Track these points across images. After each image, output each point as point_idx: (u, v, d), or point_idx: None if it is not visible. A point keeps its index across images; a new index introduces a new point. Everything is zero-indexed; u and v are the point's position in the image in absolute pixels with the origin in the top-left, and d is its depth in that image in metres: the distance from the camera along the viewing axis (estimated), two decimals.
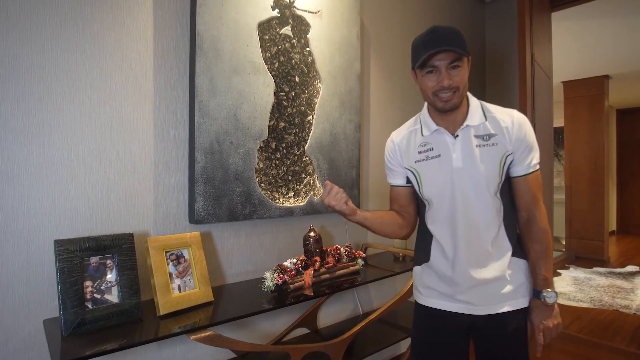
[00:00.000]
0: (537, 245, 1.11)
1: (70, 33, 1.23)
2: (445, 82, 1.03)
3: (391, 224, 1.22)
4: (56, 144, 1.21)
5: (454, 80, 1.04)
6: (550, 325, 1.12)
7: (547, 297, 1.09)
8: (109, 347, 1.00)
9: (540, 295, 1.10)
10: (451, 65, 1.03)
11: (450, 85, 1.04)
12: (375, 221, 1.19)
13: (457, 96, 1.06)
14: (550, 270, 1.12)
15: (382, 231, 1.21)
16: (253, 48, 1.59)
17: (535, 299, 1.12)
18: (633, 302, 3.65)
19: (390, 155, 1.24)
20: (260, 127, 1.62)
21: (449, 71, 1.04)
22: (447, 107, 1.07)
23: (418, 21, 2.56)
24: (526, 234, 1.14)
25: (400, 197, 1.25)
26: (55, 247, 1.08)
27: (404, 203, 1.25)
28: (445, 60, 1.03)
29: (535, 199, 1.12)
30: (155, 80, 1.41)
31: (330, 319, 1.98)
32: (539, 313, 1.12)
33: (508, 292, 1.12)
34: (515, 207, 1.16)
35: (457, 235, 1.12)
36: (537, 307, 1.12)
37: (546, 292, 1.10)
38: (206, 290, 1.33)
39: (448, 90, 1.04)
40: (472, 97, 1.16)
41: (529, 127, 1.11)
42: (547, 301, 1.09)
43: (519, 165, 1.10)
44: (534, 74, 2.44)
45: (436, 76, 1.05)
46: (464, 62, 1.05)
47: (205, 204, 1.45)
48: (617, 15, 3.44)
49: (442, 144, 1.13)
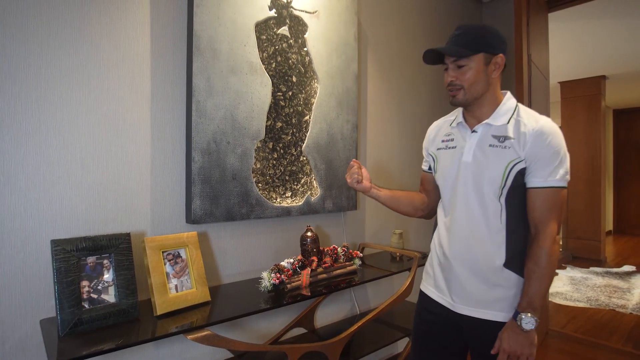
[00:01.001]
0: (532, 265, 1.04)
1: (66, 33, 1.23)
2: (447, 79, 1.12)
3: (406, 204, 1.34)
4: (53, 144, 1.21)
5: (458, 78, 1.09)
6: (519, 352, 1.01)
7: (524, 321, 1.00)
8: (105, 347, 1.00)
9: (517, 317, 1.02)
10: (456, 64, 1.09)
11: (452, 82, 1.11)
12: (388, 199, 1.32)
13: (462, 94, 1.10)
14: (540, 295, 1.02)
15: (396, 209, 1.34)
16: (250, 48, 1.59)
17: (512, 320, 1.04)
18: (629, 302, 3.67)
19: (425, 141, 1.36)
20: (258, 127, 1.62)
21: (454, 70, 1.10)
22: (452, 102, 1.15)
23: (415, 21, 2.57)
24: (527, 251, 1.08)
25: (424, 182, 1.37)
26: (52, 247, 1.08)
27: (428, 188, 1.36)
28: (451, 59, 1.10)
29: (545, 217, 1.03)
30: (153, 80, 1.41)
31: (327, 318, 1.99)
32: (511, 336, 1.02)
33: (489, 300, 1.09)
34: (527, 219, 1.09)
35: (452, 226, 1.15)
36: (510, 329, 1.03)
37: (525, 315, 1.00)
38: (203, 290, 1.33)
39: (452, 87, 1.11)
40: (511, 98, 1.15)
41: (554, 138, 1.03)
42: (523, 326, 1.00)
43: (534, 175, 1.04)
44: (530, 74, 2.45)
45: (446, 73, 1.13)
46: (473, 62, 1.07)
47: (202, 203, 1.45)
48: (613, 16, 3.45)
49: (460, 136, 1.18)
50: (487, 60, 1.08)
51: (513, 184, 1.06)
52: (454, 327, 1.19)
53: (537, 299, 1.02)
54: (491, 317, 1.09)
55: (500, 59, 1.09)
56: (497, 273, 1.08)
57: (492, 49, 1.07)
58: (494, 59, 1.08)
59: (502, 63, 1.09)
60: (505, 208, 1.08)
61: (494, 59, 1.08)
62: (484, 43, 1.06)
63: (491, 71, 1.09)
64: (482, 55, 1.07)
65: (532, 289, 1.03)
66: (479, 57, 1.07)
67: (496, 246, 1.08)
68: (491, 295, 1.09)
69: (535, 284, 1.02)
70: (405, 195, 1.35)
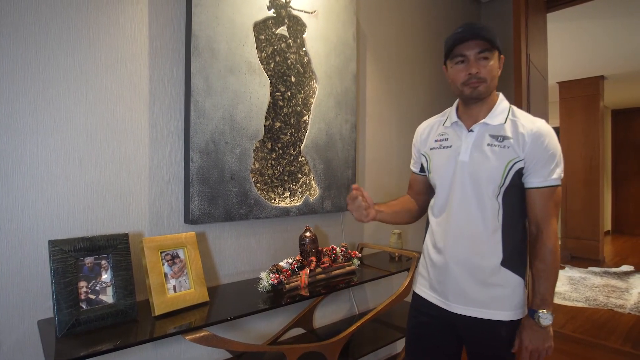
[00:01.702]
0: (540, 264, 1.07)
1: (64, 33, 1.22)
2: (473, 70, 1.07)
3: (404, 214, 1.33)
4: (50, 144, 1.20)
5: (482, 70, 1.07)
6: (541, 347, 1.06)
7: (542, 318, 1.05)
8: (103, 348, 0.99)
9: (534, 315, 1.06)
10: (480, 55, 1.06)
11: (477, 75, 1.07)
12: (389, 216, 1.29)
13: (485, 87, 1.09)
14: (550, 291, 1.07)
15: (397, 222, 1.34)
16: (249, 48, 1.58)
17: (529, 318, 1.08)
18: (627, 302, 3.68)
19: (415, 141, 1.34)
20: (256, 127, 1.62)
21: (478, 61, 1.07)
22: (474, 94, 1.09)
23: (414, 21, 2.57)
24: (532, 250, 1.11)
25: (414, 184, 1.37)
26: (50, 247, 1.08)
27: (417, 190, 1.36)
28: (474, 50, 1.06)
29: (547, 215, 1.07)
30: (151, 80, 1.40)
31: (326, 319, 1.98)
32: (531, 333, 1.07)
33: (485, 299, 1.10)
34: (526, 218, 1.13)
35: (449, 227, 1.15)
36: (529, 327, 1.08)
37: (542, 312, 1.05)
38: (201, 291, 1.33)
39: (476, 79, 1.07)
40: (504, 99, 1.17)
41: (551, 140, 1.07)
42: (541, 322, 1.05)
43: (533, 176, 1.07)
44: (529, 74, 2.45)
45: (465, 65, 1.08)
46: (494, 56, 1.08)
47: (200, 204, 1.45)
48: (612, 16, 3.46)
49: (456, 136, 1.17)
50: (499, 57, 1.11)
51: (511, 182, 1.08)
52: (449, 328, 1.18)
53: (549, 295, 1.07)
54: (489, 316, 1.10)
55: (502, 59, 1.12)
56: (494, 272, 1.09)
57: (500, 48, 1.10)
58: (501, 58, 1.12)
59: (502, 64, 1.13)
60: (502, 207, 1.09)
61: (501, 58, 1.12)
62: (497, 40, 1.08)
63: (498, 69, 1.11)
64: (497, 52, 1.09)
65: (543, 286, 1.07)
66: (496, 53, 1.09)
67: (493, 245, 1.09)
68: (488, 294, 1.10)
69: (545, 281, 1.07)
70: (401, 205, 1.34)
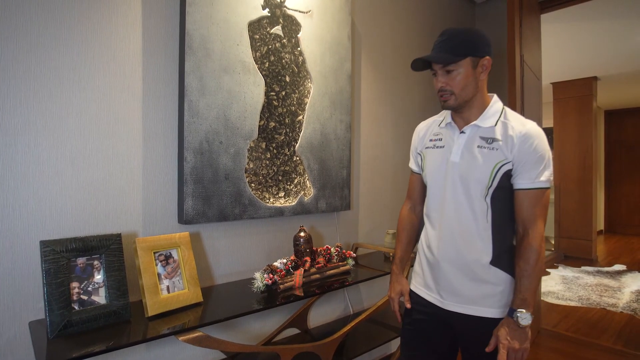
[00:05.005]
0: (523, 264, 1.07)
1: (57, 31, 1.21)
2: (438, 84, 1.13)
3: (414, 235, 1.39)
4: (42, 143, 1.19)
5: (448, 84, 1.11)
6: (517, 346, 1.03)
7: (521, 317, 1.03)
8: (96, 349, 0.98)
9: (513, 314, 1.05)
10: (444, 69, 1.10)
11: (442, 88, 1.12)
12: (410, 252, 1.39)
13: (454, 99, 1.12)
14: (532, 291, 1.06)
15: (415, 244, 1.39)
16: (243, 47, 1.58)
17: (508, 317, 1.06)
18: (620, 301, 3.71)
19: (413, 140, 1.37)
20: (251, 127, 1.61)
21: (444, 75, 1.11)
22: (444, 106, 1.16)
23: (409, 22, 2.57)
24: (517, 250, 1.11)
25: (414, 183, 1.39)
26: (41, 247, 1.07)
27: (417, 189, 1.38)
28: (439, 65, 1.11)
29: (533, 216, 1.08)
30: (144, 80, 1.39)
31: (320, 319, 1.98)
32: (509, 332, 1.05)
33: (477, 297, 1.12)
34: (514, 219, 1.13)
35: (441, 225, 1.18)
36: (507, 325, 1.06)
37: (521, 312, 1.04)
38: (195, 291, 1.32)
39: (443, 92, 1.12)
40: (498, 101, 1.17)
41: (540, 142, 1.07)
42: (520, 322, 1.03)
43: (521, 177, 1.08)
44: (523, 75, 2.46)
45: (436, 79, 1.14)
46: (462, 65, 1.08)
47: (194, 204, 1.44)
48: (605, 18, 3.49)
49: (449, 137, 1.20)
50: (474, 63, 1.09)
51: (499, 184, 1.09)
52: (444, 325, 1.21)
53: (529, 296, 1.05)
54: (480, 313, 1.12)
55: (487, 61, 1.10)
56: (484, 270, 1.11)
57: (478, 52, 1.08)
58: (481, 61, 1.10)
59: (488, 65, 1.11)
60: (490, 207, 1.11)
61: (480, 62, 1.10)
62: (470, 47, 1.07)
63: (479, 74, 1.11)
64: (470, 59, 1.08)
65: (524, 286, 1.06)
66: (466, 62, 1.08)
67: (483, 244, 1.11)
68: (479, 291, 1.12)
69: (526, 281, 1.06)
70: (406, 233, 1.38)
